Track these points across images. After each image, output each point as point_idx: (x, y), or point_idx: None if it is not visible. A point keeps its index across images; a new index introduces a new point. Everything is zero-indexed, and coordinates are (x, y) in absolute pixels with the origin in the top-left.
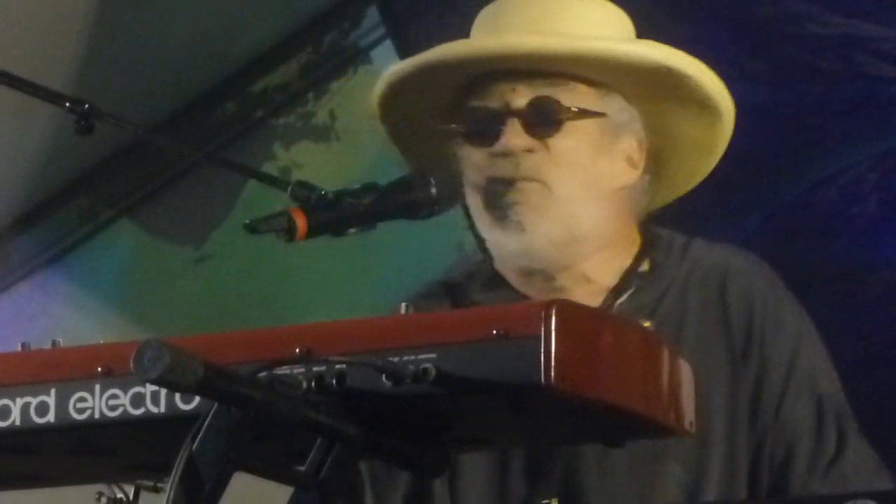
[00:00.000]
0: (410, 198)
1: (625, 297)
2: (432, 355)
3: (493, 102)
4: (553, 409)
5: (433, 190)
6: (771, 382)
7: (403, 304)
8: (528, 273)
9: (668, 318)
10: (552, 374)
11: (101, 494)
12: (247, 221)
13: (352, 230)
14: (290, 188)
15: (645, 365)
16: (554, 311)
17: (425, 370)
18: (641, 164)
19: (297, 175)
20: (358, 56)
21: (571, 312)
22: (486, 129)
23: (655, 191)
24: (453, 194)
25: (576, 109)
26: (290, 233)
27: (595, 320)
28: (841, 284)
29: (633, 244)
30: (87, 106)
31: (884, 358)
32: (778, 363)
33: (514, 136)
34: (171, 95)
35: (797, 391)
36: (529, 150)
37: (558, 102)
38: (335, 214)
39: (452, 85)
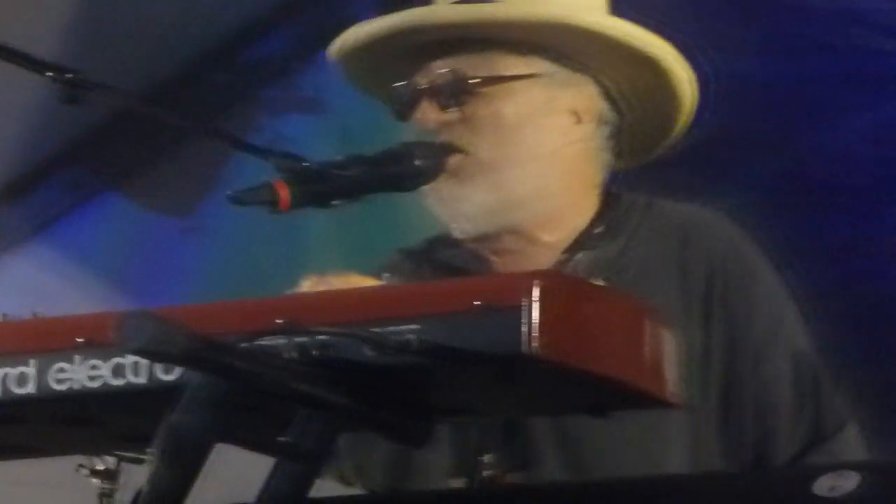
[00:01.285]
0: (396, 170)
1: (579, 255)
2: (415, 326)
3: (412, 77)
4: (537, 379)
5: (418, 162)
6: (748, 342)
7: (386, 275)
8: (475, 239)
9: (625, 277)
10: (535, 343)
11: (81, 466)
12: (229, 192)
13: (336, 202)
14: (273, 159)
15: (629, 334)
16: (537, 281)
17: (408, 341)
18: (588, 117)
19: (284, 146)
20: (346, 27)
21: (555, 282)
22: (404, 107)
23: (619, 148)
24: (439, 165)
25: (486, 77)
26: (273, 204)
27: (578, 290)
28: (835, 258)
29: (590, 204)
30: (70, 75)
31: (876, 336)
32: (753, 322)
33: (426, 111)
34: (159, 66)
35: (776, 348)
36: (445, 124)
37: (466, 74)
38: (319, 186)
39: (400, 55)
